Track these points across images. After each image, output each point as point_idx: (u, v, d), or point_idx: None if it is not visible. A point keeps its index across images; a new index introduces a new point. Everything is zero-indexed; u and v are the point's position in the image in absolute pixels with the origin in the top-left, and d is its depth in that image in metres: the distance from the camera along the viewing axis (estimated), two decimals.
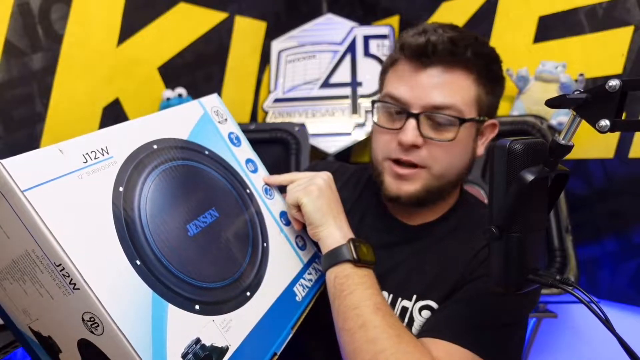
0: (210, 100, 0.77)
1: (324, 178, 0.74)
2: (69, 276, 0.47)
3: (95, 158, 0.54)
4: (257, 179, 0.78)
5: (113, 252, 0.51)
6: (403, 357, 0.61)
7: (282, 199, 0.81)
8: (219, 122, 0.76)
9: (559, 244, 1.31)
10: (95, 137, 0.55)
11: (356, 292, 0.66)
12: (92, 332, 0.48)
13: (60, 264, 0.47)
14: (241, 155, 0.78)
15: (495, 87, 0.78)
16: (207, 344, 0.55)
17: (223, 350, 0.57)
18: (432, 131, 0.74)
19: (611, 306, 1.34)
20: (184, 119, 0.70)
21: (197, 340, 0.54)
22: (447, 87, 0.73)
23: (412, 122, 0.73)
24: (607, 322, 0.48)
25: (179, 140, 0.67)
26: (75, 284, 0.47)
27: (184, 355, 0.52)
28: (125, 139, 0.59)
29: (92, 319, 0.48)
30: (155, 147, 0.63)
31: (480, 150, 0.80)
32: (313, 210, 0.71)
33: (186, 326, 0.54)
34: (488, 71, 0.76)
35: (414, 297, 0.75)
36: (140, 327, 0.49)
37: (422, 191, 0.76)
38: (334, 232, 0.71)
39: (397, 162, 0.76)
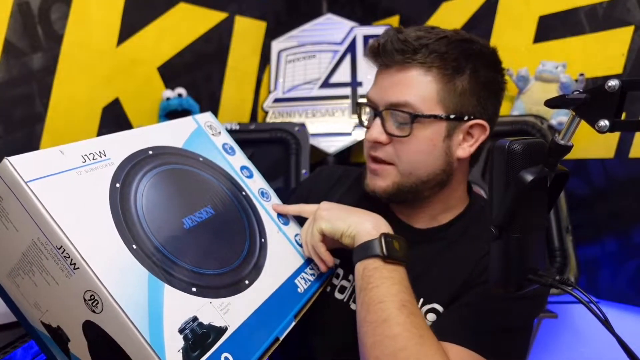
0: (204, 117, 0.81)
1: (322, 206, 0.76)
2: (69, 257, 0.51)
3: (93, 159, 0.58)
4: (252, 183, 0.81)
5: (110, 236, 0.54)
6: (424, 358, 0.61)
7: (278, 202, 0.83)
8: (212, 134, 0.80)
9: (559, 244, 1.31)
10: (93, 142, 0.60)
11: (383, 286, 0.66)
12: (93, 311, 0.51)
13: (61, 246, 0.51)
14: (236, 163, 0.80)
15: (472, 86, 0.75)
16: (205, 322, 0.57)
17: (221, 330, 0.58)
18: (395, 129, 0.75)
19: (611, 306, 1.34)
20: (177, 131, 0.74)
21: (195, 318, 0.56)
22: (401, 85, 0.75)
23: (377, 120, 0.77)
24: (606, 323, 0.48)
25: (173, 148, 0.71)
26: (75, 264, 0.50)
27: (181, 330, 0.54)
28: (121, 144, 0.63)
29: (92, 297, 0.51)
30: (150, 152, 0.67)
31: (465, 152, 0.77)
32: (333, 222, 0.73)
33: (183, 305, 0.56)
34: (456, 70, 0.74)
35: (421, 300, 0.75)
36: (136, 302, 0.52)
37: (393, 187, 0.77)
38: (363, 226, 0.71)
39: (373, 159, 0.79)
